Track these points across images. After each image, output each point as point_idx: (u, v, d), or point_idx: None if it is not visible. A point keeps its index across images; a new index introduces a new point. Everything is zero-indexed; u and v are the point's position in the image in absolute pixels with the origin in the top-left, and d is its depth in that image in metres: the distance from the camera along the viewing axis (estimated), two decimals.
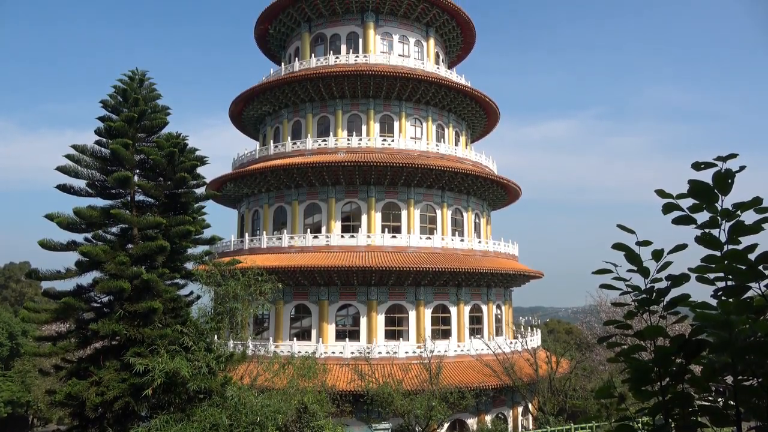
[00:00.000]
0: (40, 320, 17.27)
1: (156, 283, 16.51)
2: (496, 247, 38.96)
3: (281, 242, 34.91)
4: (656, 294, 2.33)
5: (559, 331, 62.63)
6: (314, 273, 32.31)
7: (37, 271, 17.50)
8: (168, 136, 18.66)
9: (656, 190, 2.25)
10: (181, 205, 18.60)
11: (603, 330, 33.58)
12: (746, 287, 2.09)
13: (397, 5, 40.05)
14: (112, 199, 18.60)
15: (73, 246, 17.33)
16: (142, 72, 19.43)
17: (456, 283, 35.16)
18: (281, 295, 31.98)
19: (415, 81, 37.16)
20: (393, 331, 33.98)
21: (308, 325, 34.41)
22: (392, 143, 36.86)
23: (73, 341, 17.38)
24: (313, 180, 35.74)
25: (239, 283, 18.53)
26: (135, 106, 18.51)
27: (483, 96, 39.93)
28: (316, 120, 38.86)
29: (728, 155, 2.14)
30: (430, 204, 37.32)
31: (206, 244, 19.62)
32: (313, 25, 41.53)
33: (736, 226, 2.11)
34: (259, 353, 28.46)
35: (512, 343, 35.75)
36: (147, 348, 15.46)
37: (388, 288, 34.06)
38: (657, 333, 2.20)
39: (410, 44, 41.39)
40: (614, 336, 2.67)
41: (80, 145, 18.27)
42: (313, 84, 37.25)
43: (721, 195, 2.13)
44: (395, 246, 34.28)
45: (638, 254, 2.30)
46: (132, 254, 17.07)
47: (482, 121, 44.48)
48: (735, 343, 1.99)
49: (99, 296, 17.45)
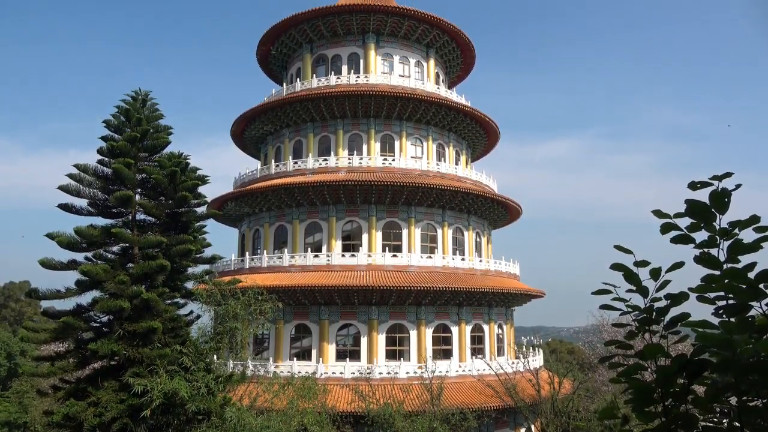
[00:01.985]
0: (39, 340, 17.18)
1: (156, 303, 16.45)
2: (497, 266, 38.85)
3: (282, 261, 34.84)
4: (656, 313, 2.32)
5: (561, 351, 62.13)
6: (315, 292, 32.18)
7: (37, 290, 17.46)
8: (170, 156, 18.76)
9: (653, 211, 2.26)
10: (182, 224, 18.62)
11: (605, 350, 33.27)
12: (747, 306, 2.08)
13: (397, 27, 40.55)
14: (113, 218, 18.64)
15: (73, 265, 17.32)
16: (145, 92, 19.62)
17: (457, 303, 34.98)
18: (281, 315, 31.80)
19: (416, 101, 37.44)
20: (394, 351, 33.71)
21: (308, 344, 34.16)
22: (393, 162, 37.00)
23: (72, 361, 17.27)
24: (313, 199, 35.81)
25: (239, 303, 18.44)
26: (138, 125, 18.65)
27: (483, 116, 40.19)
28: (317, 139, 39.07)
29: (723, 174, 2.14)
30: (431, 223, 37.31)
31: (207, 263, 19.60)
32: (314, 47, 42.01)
33: (735, 244, 2.11)
34: (258, 373, 28.21)
35: (514, 364, 35.38)
36: (146, 368, 15.34)
37: (389, 307, 33.88)
38: (658, 352, 2.18)
39: (411, 65, 41.80)
40: (616, 356, 2.65)
41: (82, 165, 18.37)
42: (314, 104, 37.54)
43: (719, 214, 2.13)
44: (396, 265, 34.19)
45: (636, 274, 2.30)
46: (132, 273, 17.04)
47: (482, 141, 44.69)
48: (738, 362, 1.97)
49: (98, 316, 17.38)
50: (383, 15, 39.65)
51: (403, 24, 40.35)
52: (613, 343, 2.55)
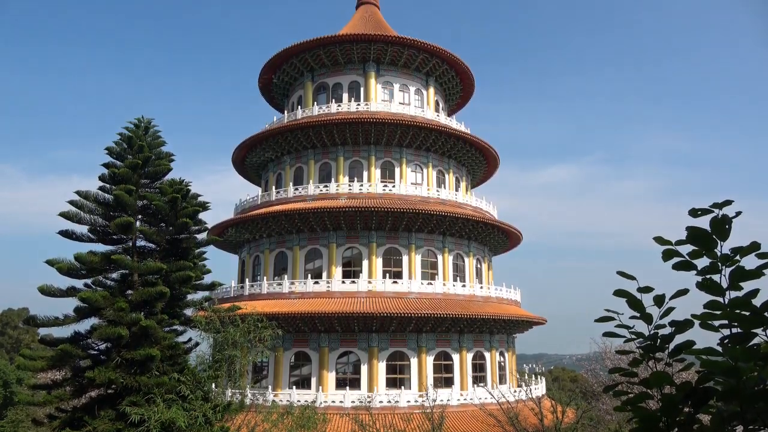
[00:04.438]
0: (36, 368, 16.99)
1: (154, 330, 16.32)
2: (498, 293, 38.64)
3: (282, 288, 34.67)
4: (660, 340, 2.31)
5: (563, 379, 61.33)
6: (315, 319, 31.94)
7: (35, 317, 17.35)
8: (171, 182, 18.85)
9: (655, 238, 2.27)
10: (182, 250, 18.60)
11: (609, 378, 32.88)
12: (752, 334, 2.07)
13: (397, 56, 41.18)
14: (113, 245, 18.63)
15: (72, 292, 17.24)
16: (148, 120, 19.83)
17: (458, 330, 34.69)
18: (281, 342, 31.52)
19: (416, 128, 37.78)
20: (394, 379, 33.29)
21: (308, 372, 33.75)
22: (393, 189, 37.14)
23: (69, 390, 17.06)
24: (314, 225, 35.83)
25: (238, 330, 18.30)
26: (140, 152, 18.79)
27: (482, 142, 40.51)
28: (317, 166, 39.31)
29: (724, 201, 2.16)
30: (431, 249, 37.26)
31: (206, 290, 19.51)
32: (315, 75, 42.60)
33: (737, 271, 2.11)
34: (257, 402, 27.79)
35: (516, 392, 34.89)
36: (143, 397, 15.14)
37: (389, 335, 33.59)
38: (663, 381, 2.16)
39: (411, 92, 42.32)
40: (620, 384, 2.62)
41: (84, 191, 18.45)
42: (315, 131, 37.88)
43: (720, 241, 2.14)
44: (396, 292, 34.00)
45: (640, 300, 2.29)
46: (131, 300, 16.95)
47: (482, 167, 44.95)
48: (744, 391, 1.96)
49: (96, 343, 17.24)
50: (383, 44, 40.31)
51: (402, 53, 40.99)
52: (617, 370, 2.53)
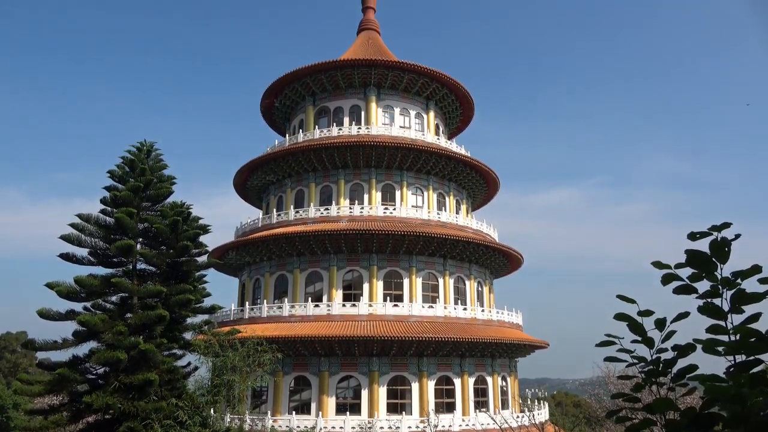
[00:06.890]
0: (33, 392, 16.81)
1: (153, 354, 16.19)
2: (500, 316, 38.36)
3: (282, 311, 34.46)
4: (663, 365, 2.28)
5: (567, 404, 60.47)
6: (315, 343, 31.67)
7: (33, 341, 17.23)
8: (173, 205, 18.91)
9: (653, 262, 2.26)
10: (183, 273, 18.56)
11: (612, 403, 32.42)
12: (758, 361, 2.05)
13: (398, 80, 41.65)
14: (113, 268, 18.60)
15: (71, 315, 17.16)
16: (150, 143, 19.97)
17: (459, 354, 34.35)
18: (280, 367, 31.20)
19: (416, 151, 38.00)
20: (395, 404, 32.85)
21: (308, 397, 33.32)
22: (394, 212, 37.19)
23: (66, 415, 16.85)
24: (314, 248, 35.78)
25: (238, 354, 18.14)
26: (141, 176, 18.88)
27: (482, 165, 40.70)
28: (318, 189, 39.44)
29: (722, 224, 2.16)
30: (432, 272, 37.13)
31: (206, 313, 19.40)
32: (317, 99, 43.03)
33: (738, 294, 2.10)
34: (256, 428, 27.40)
35: (519, 417, 34.39)
36: (141, 422, 14.95)
37: (390, 359, 33.26)
38: (667, 407, 2.13)
39: (411, 116, 42.68)
40: (623, 410, 2.59)
41: (85, 214, 18.49)
42: (316, 154, 38.10)
43: (720, 264, 2.13)
44: (397, 315, 33.78)
45: (641, 324, 2.28)
46: (130, 324, 16.85)
47: (482, 190, 45.07)
48: (749, 417, 1.93)
49: (94, 367, 17.09)
50: (384, 69, 40.80)
51: (403, 77, 41.45)
52: (620, 396, 2.50)
